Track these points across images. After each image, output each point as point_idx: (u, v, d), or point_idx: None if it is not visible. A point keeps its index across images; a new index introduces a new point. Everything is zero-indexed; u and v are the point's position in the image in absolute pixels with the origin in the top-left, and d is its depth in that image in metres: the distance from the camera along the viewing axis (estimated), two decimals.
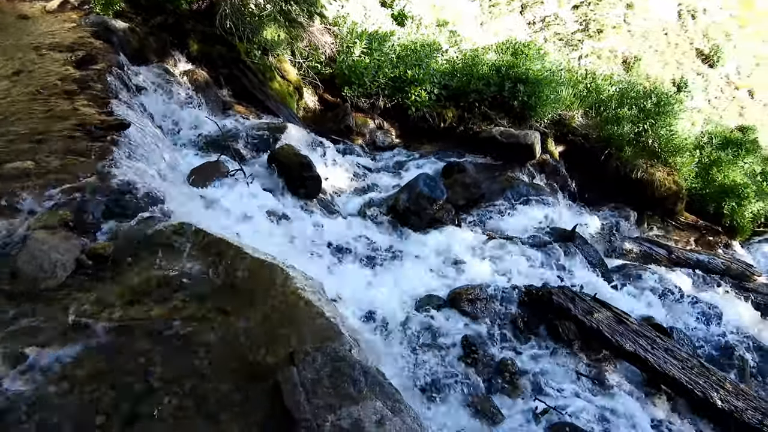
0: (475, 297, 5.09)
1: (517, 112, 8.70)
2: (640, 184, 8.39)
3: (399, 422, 2.12)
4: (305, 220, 5.33)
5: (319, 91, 8.64)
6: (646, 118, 8.62)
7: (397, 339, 4.48)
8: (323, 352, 2.35)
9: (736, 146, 10.28)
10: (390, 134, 8.54)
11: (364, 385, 2.26)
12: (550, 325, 5.17)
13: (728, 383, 4.99)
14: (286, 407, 2.17)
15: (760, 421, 4.68)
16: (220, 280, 3.08)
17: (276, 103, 7.40)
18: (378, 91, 8.51)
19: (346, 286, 4.70)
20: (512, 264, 5.91)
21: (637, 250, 7.38)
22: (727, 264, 7.81)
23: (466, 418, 3.98)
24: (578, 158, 8.97)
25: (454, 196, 6.96)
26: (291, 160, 5.78)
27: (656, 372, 4.86)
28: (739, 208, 8.63)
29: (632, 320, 5.31)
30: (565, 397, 4.44)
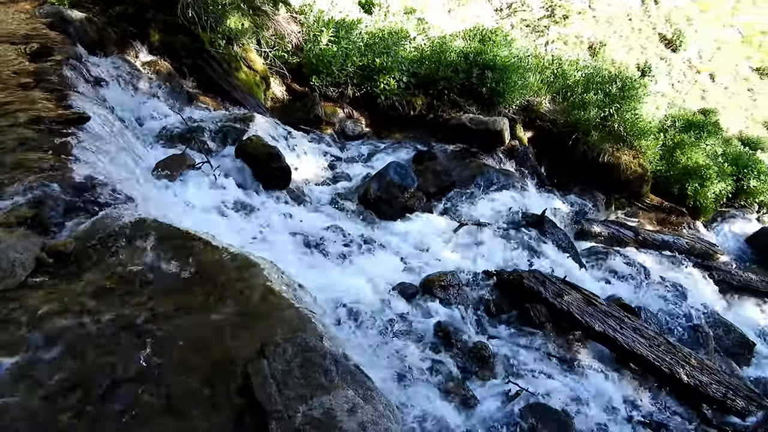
0: (447, 283, 5.12)
1: (485, 99, 8.74)
2: (607, 167, 8.54)
3: (371, 410, 2.12)
4: (275, 212, 5.27)
5: (287, 80, 8.52)
6: (611, 103, 8.75)
7: (371, 328, 4.48)
8: (293, 343, 2.33)
9: (699, 129, 10.54)
10: (360, 123, 8.48)
11: (335, 374, 2.24)
12: (522, 308, 5.25)
13: (693, 359, 5.15)
14: (257, 400, 2.15)
15: (723, 394, 4.85)
16: (187, 274, 3.02)
17: (242, 93, 7.27)
18: (346, 80, 8.43)
19: (318, 277, 4.66)
20: (484, 249, 5.96)
21: (605, 233, 7.52)
22: (692, 244, 8.03)
23: (442, 403, 4.01)
24: (547, 143, 9.07)
25: (425, 183, 6.97)
26: (259, 151, 5.70)
27: (625, 351, 4.98)
28: (702, 189, 8.85)
29: (601, 301, 5.43)
30: (538, 378, 4.52)
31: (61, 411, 2.22)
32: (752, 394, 5.06)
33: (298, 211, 5.63)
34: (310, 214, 5.79)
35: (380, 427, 2.06)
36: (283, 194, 5.76)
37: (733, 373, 5.58)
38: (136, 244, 3.24)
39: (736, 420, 4.78)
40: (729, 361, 5.84)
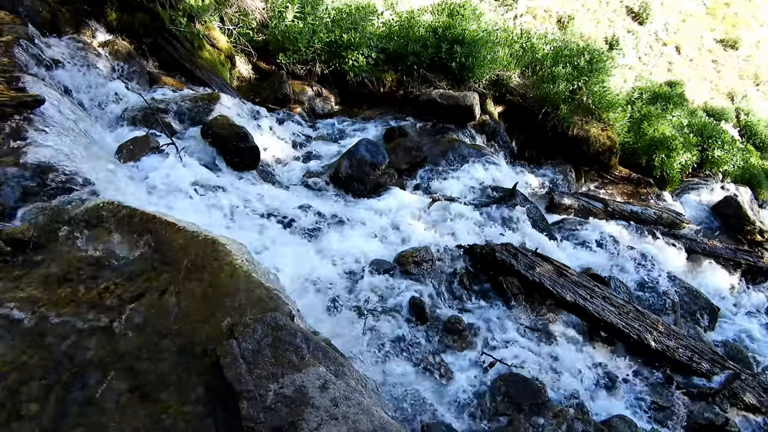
0: (420, 259, 5.12)
1: (455, 74, 8.69)
2: (577, 140, 8.60)
3: (343, 385, 2.10)
4: (244, 192, 5.18)
5: (253, 59, 8.32)
6: (580, 76, 8.79)
7: (345, 305, 4.47)
8: (263, 323, 2.30)
9: (665, 100, 10.70)
10: (329, 101, 8.35)
11: (306, 351, 2.22)
12: (495, 281, 5.29)
13: (661, 325, 5.29)
14: (227, 380, 2.12)
15: (689, 358, 5.00)
16: (153, 257, 2.95)
17: (207, 72, 7.07)
18: (314, 57, 8.27)
19: (290, 256, 4.62)
20: (456, 224, 5.97)
21: (575, 205, 7.62)
22: (659, 214, 8.20)
23: (418, 377, 4.04)
24: (517, 118, 9.09)
25: (397, 160, 6.93)
26: (226, 131, 5.57)
27: (595, 319, 5.08)
28: (669, 159, 9.01)
29: (572, 272, 5.51)
30: (511, 349, 4.58)
31: (25, 401, 2.16)
32: (716, 356, 5.23)
33: (268, 191, 5.54)
34: (281, 193, 5.71)
35: (353, 401, 2.05)
36: (252, 174, 5.66)
37: (699, 337, 5.76)
38: (97, 228, 3.15)
39: (701, 382, 4.93)
40: (695, 326, 6.02)
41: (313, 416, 1.98)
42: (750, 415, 4.85)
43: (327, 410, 2.00)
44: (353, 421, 1.98)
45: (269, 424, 1.96)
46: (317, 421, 1.97)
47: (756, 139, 13.02)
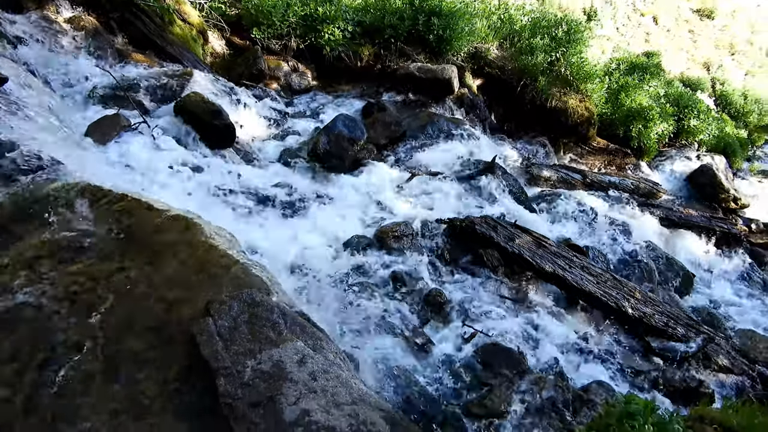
0: (401, 233, 5.12)
1: (433, 47, 8.58)
2: (555, 112, 8.61)
3: (321, 359, 2.10)
4: (220, 170, 5.10)
5: (226, 34, 8.10)
6: (558, 47, 8.75)
7: (326, 282, 4.46)
8: (239, 299, 2.27)
9: (642, 71, 10.73)
10: (306, 76, 8.21)
11: (284, 327, 2.21)
12: (475, 253, 5.32)
13: (638, 293, 5.38)
14: (203, 358, 2.10)
15: (665, 324, 5.10)
16: (126, 237, 2.89)
17: (179, 48, 6.88)
18: (289, 32, 8.09)
19: (269, 233, 4.58)
20: (436, 198, 5.97)
21: (554, 177, 7.65)
22: (636, 183, 8.29)
23: (400, 350, 4.07)
24: (496, 90, 9.04)
25: (376, 135, 6.86)
26: (200, 108, 5.45)
27: (574, 289, 5.15)
28: (646, 130, 9.07)
29: (551, 243, 5.56)
30: (492, 320, 4.63)
31: None
32: (691, 321, 5.35)
33: (245, 169, 5.47)
34: (259, 171, 5.63)
35: (331, 374, 2.05)
36: (228, 152, 5.56)
37: (675, 303, 5.87)
38: (68, 210, 3.07)
39: (677, 346, 5.04)
40: (671, 293, 6.13)
41: (292, 390, 1.98)
42: (723, 376, 4.98)
43: (305, 384, 1.99)
44: (332, 393, 1.98)
45: (247, 399, 1.95)
46: (296, 395, 1.96)
47: (731, 108, 13.18)
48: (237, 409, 1.93)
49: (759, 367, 5.23)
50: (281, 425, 1.88)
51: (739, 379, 5.02)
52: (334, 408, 1.93)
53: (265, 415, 1.90)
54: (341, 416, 1.90)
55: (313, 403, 1.94)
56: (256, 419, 1.89)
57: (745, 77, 15.64)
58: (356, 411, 1.93)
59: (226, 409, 1.94)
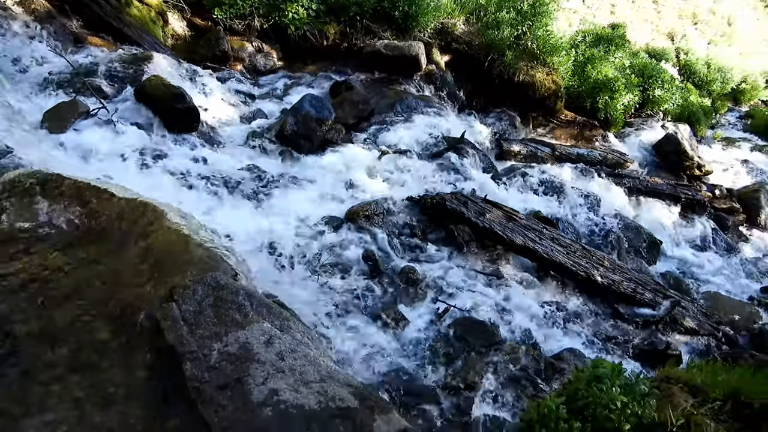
0: (371, 213, 5.12)
1: (399, 24, 8.48)
2: (523, 86, 8.62)
3: (288, 339, 2.09)
4: (184, 155, 4.99)
5: (187, 15, 7.88)
6: (524, 21, 8.73)
7: (298, 262, 4.45)
8: (203, 283, 2.24)
9: (607, 43, 10.80)
10: (271, 57, 8.05)
11: (250, 309, 2.19)
12: (447, 230, 5.35)
13: (606, 261, 5.49)
14: (168, 343, 2.07)
15: (633, 290, 5.23)
16: (86, 225, 2.82)
17: (137, 31, 6.66)
18: (252, 11, 7.89)
19: (238, 218, 4.53)
20: (406, 176, 5.97)
21: (524, 151, 7.70)
22: (604, 155, 8.40)
23: (374, 328, 4.09)
24: (464, 66, 8.99)
25: (344, 114, 6.79)
26: (161, 92, 5.30)
27: (545, 260, 5.23)
28: (612, 101, 9.16)
29: (521, 216, 5.62)
30: (465, 294, 4.68)
31: None
32: (658, 286, 5.49)
33: (211, 153, 5.37)
34: (225, 155, 5.54)
35: (299, 353, 2.04)
36: (192, 136, 5.44)
37: (642, 270, 6.02)
38: (23, 199, 2.97)
39: (645, 311, 5.17)
40: (639, 260, 6.27)
41: (260, 371, 1.97)
42: (690, 338, 5.14)
43: (273, 364, 1.99)
44: (300, 372, 1.98)
45: (215, 382, 1.94)
46: (264, 376, 1.95)
47: (695, 77, 13.39)
48: (204, 393, 1.92)
49: (723, 328, 5.42)
50: (249, 406, 1.87)
51: (705, 340, 5.20)
52: (302, 386, 1.93)
53: (233, 396, 1.89)
54: (310, 394, 1.90)
55: (281, 383, 1.93)
56: (224, 401, 1.88)
57: (708, 46, 15.88)
58: (325, 388, 1.93)
59: (194, 392, 1.93)
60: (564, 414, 2.45)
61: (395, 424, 1.83)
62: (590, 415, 2.48)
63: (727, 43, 16.41)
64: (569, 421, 2.42)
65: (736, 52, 15.90)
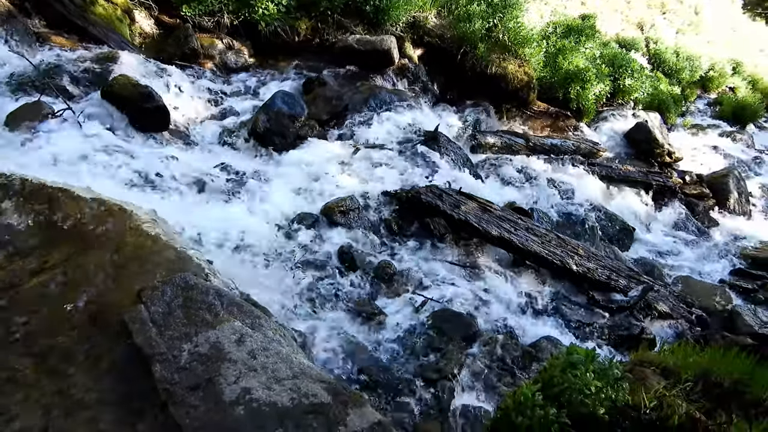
0: (347, 208, 5.10)
1: (371, 18, 8.44)
2: (496, 78, 8.64)
3: (260, 337, 2.08)
4: (154, 155, 4.91)
5: (154, 12, 7.73)
6: (494, 13, 8.76)
7: (273, 262, 4.42)
8: (172, 284, 2.21)
9: (578, 33, 10.89)
10: (242, 54, 7.95)
11: (220, 308, 2.17)
12: (422, 223, 5.37)
13: (581, 249, 5.56)
14: (138, 346, 2.04)
15: (608, 277, 5.31)
16: (51, 229, 2.76)
17: (103, 29, 6.52)
18: (221, 8, 7.78)
19: (211, 217, 4.47)
20: (381, 171, 5.96)
21: (498, 143, 7.75)
22: (577, 144, 8.50)
23: (352, 324, 4.09)
24: (437, 59, 9.00)
25: (317, 110, 6.76)
26: (129, 91, 5.21)
27: (520, 250, 5.28)
28: (584, 91, 9.25)
29: (496, 207, 5.66)
30: (442, 287, 4.70)
31: None
32: (632, 273, 5.59)
33: (182, 153, 5.29)
34: (197, 154, 5.48)
35: (271, 351, 2.03)
36: (163, 136, 5.37)
37: (616, 256, 6.11)
38: None
39: (620, 297, 5.25)
40: (613, 247, 6.37)
41: (231, 370, 1.95)
42: (663, 321, 5.24)
43: (245, 363, 1.97)
44: (272, 370, 1.96)
45: (185, 383, 1.91)
46: (235, 375, 1.94)
47: (664, 66, 13.58)
48: (175, 394, 1.89)
49: (696, 310, 5.54)
50: (221, 405, 1.85)
51: (678, 323, 5.30)
52: (275, 384, 1.92)
53: (205, 397, 1.87)
54: (282, 391, 1.89)
55: (253, 381, 1.92)
56: (195, 402, 1.86)
57: (677, 35, 16.12)
58: (297, 385, 1.92)
59: (164, 394, 1.90)
60: (540, 401, 2.48)
61: (368, 418, 1.83)
62: (566, 400, 2.51)
63: (695, 32, 16.70)
64: (545, 407, 2.45)
65: (703, 40, 16.19)
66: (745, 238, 7.44)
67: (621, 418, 2.50)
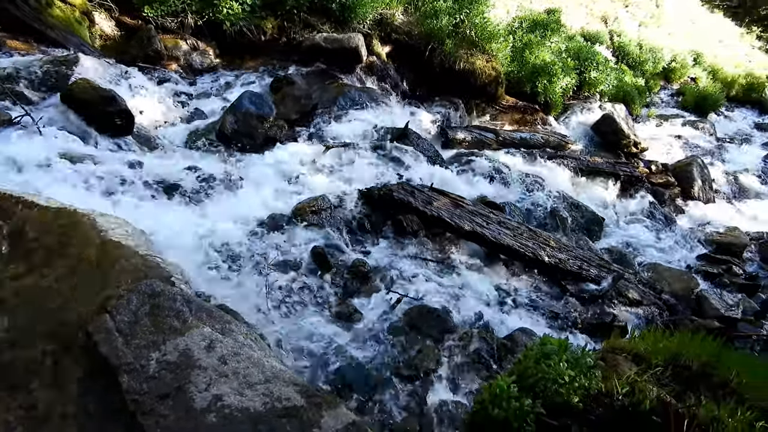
0: (318, 208, 5.06)
1: (337, 16, 8.41)
2: (464, 74, 8.69)
3: (231, 342, 2.04)
4: (118, 161, 4.78)
5: (115, 14, 7.54)
6: (461, 9, 8.82)
7: (246, 265, 4.35)
8: (138, 292, 2.15)
9: (543, 28, 11.03)
10: (208, 55, 7.83)
11: (189, 314, 2.12)
12: (395, 220, 5.36)
13: (552, 241, 5.63)
14: (103, 356, 1.98)
15: (579, 267, 5.39)
16: (9, 240, 2.66)
17: (61, 32, 6.34)
18: (184, 8, 7.63)
19: (179, 221, 4.38)
20: (353, 170, 5.94)
21: (468, 138, 7.79)
22: (546, 137, 8.61)
23: (327, 324, 4.05)
24: (405, 56, 9.02)
25: (286, 110, 6.69)
26: (90, 95, 5.07)
27: (493, 244, 5.31)
28: (551, 85, 9.38)
29: (467, 202, 5.69)
30: (417, 284, 4.69)
31: None
32: (602, 262, 5.68)
33: (148, 157, 5.18)
34: (163, 158, 5.36)
35: (242, 356, 1.99)
36: (128, 140, 5.24)
37: (587, 247, 6.20)
38: None
39: (591, 286, 5.33)
40: (583, 238, 6.47)
41: (201, 377, 1.91)
42: (634, 308, 5.34)
43: (215, 369, 1.93)
44: (244, 375, 1.93)
45: (154, 392, 1.87)
46: (206, 382, 1.90)
47: (628, 58, 13.84)
48: (144, 404, 1.84)
49: (665, 296, 5.66)
50: (192, 413, 1.81)
51: (648, 309, 5.40)
52: (247, 389, 1.89)
53: (175, 405, 1.83)
54: (255, 396, 1.86)
55: (224, 387, 1.88)
56: (165, 411, 1.82)
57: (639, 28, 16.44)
58: (270, 389, 1.89)
59: (133, 405, 1.85)
60: (515, 392, 2.50)
61: (343, 419, 1.82)
62: (540, 391, 2.54)
63: (656, 25, 17.06)
64: (520, 399, 2.47)
65: (664, 32, 16.55)
66: (710, 223, 7.64)
67: (595, 406, 2.53)
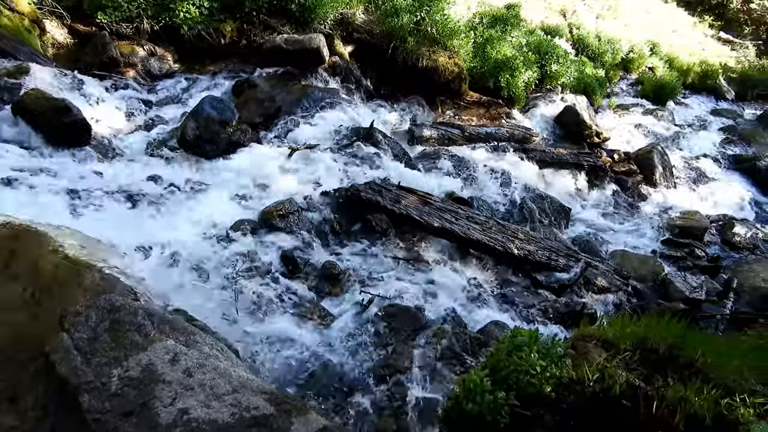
0: (286, 212, 5.01)
1: (297, 17, 8.31)
2: (427, 71, 8.70)
3: (196, 354, 1.99)
4: (75, 172, 4.65)
5: (67, 21, 7.31)
6: (421, 7, 8.82)
7: (213, 273, 4.27)
8: (97, 307, 2.08)
9: (504, 23, 11.13)
10: (166, 60, 7.65)
11: (151, 328, 2.06)
12: (364, 220, 5.34)
13: (521, 233, 5.69)
14: (62, 377, 1.90)
15: (548, 257, 5.46)
16: None
17: (10, 42, 6.11)
18: (139, 13, 7.45)
19: (142, 231, 4.28)
20: (319, 171, 5.88)
21: (435, 135, 7.81)
22: (511, 131, 8.67)
23: (298, 329, 4.01)
24: (368, 55, 8.97)
25: (249, 114, 6.60)
26: (42, 105, 4.92)
27: (463, 239, 5.34)
28: (513, 79, 9.46)
29: (436, 199, 5.70)
30: (388, 283, 4.70)
31: None
32: (571, 251, 5.77)
33: (107, 167, 5.05)
34: (124, 167, 5.23)
35: (208, 367, 1.95)
36: (84, 151, 5.09)
37: (555, 237, 6.29)
38: None
39: (561, 276, 5.41)
40: (551, 229, 6.55)
41: (166, 392, 1.85)
42: (603, 296, 5.44)
43: (180, 382, 1.88)
44: (210, 386, 1.88)
45: (118, 410, 1.80)
46: (171, 396, 1.84)
47: (588, 50, 14.06)
48: (107, 423, 1.78)
49: (632, 282, 5.78)
50: (158, 429, 1.76)
51: (616, 295, 5.51)
52: (214, 401, 1.84)
53: (139, 423, 1.77)
54: (222, 407, 1.82)
55: (191, 401, 1.83)
56: (129, 429, 1.76)
57: (597, 20, 16.73)
58: (238, 399, 1.85)
59: (95, 425, 1.79)
60: (488, 386, 2.51)
61: (313, 424, 1.79)
62: (513, 382, 2.55)
63: (613, 17, 17.39)
64: (494, 392, 2.48)
65: (621, 24, 16.89)
66: (672, 208, 7.83)
67: (567, 394, 2.56)
